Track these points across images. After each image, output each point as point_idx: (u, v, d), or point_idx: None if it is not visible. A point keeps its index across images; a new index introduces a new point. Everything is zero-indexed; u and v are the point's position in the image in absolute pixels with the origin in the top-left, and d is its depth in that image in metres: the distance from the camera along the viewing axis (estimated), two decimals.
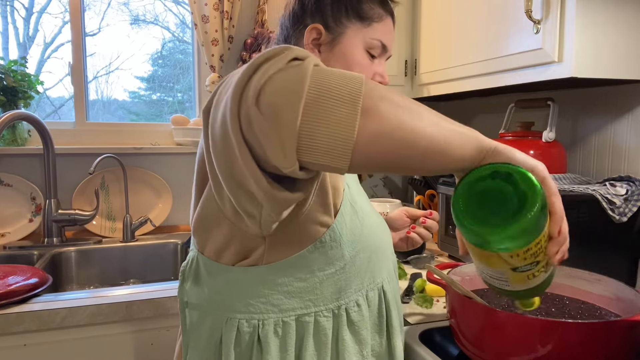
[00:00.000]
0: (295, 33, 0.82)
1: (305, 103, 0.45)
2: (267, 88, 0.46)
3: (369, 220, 0.77)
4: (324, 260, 0.69)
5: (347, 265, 0.71)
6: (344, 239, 0.70)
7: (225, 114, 0.49)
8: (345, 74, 0.48)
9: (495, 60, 1.23)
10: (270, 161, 0.47)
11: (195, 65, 1.98)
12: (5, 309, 1.02)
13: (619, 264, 1.10)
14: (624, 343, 0.68)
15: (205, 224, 0.67)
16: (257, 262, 0.67)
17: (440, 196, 1.49)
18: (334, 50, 0.80)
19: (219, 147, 0.51)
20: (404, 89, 1.70)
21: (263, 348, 0.67)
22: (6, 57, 1.82)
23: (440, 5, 1.50)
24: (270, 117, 0.45)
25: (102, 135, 1.84)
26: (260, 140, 0.47)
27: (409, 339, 0.90)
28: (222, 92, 0.53)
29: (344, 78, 0.47)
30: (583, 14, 1.00)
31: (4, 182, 1.66)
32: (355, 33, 0.80)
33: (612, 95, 1.26)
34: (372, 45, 0.81)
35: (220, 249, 0.68)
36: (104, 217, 1.78)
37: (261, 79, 0.46)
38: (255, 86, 0.46)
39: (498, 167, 0.53)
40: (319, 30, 0.79)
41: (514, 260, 0.55)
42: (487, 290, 0.91)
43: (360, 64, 0.80)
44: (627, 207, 1.06)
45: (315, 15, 0.80)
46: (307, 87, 0.46)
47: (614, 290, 0.82)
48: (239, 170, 0.50)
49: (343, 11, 0.80)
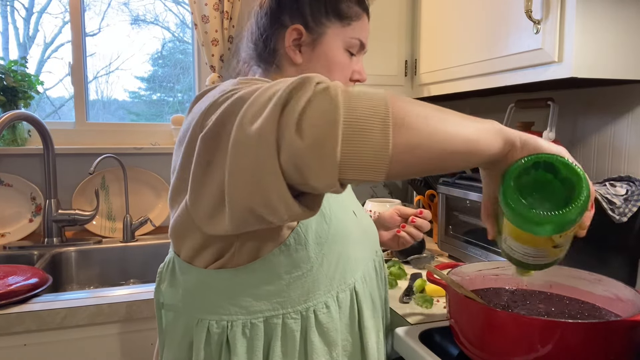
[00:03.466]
0: (275, 33, 0.82)
1: (343, 130, 0.48)
2: (305, 120, 0.48)
3: (340, 220, 0.76)
4: (289, 263, 0.69)
5: (315, 268, 0.71)
6: (310, 242, 0.70)
7: (259, 144, 0.49)
8: (370, 95, 0.50)
9: (495, 60, 1.23)
10: (312, 184, 0.50)
11: (195, 65, 1.98)
12: (5, 309, 1.02)
13: (619, 264, 1.10)
14: (624, 343, 0.68)
15: (180, 232, 0.68)
16: (227, 264, 0.68)
17: (440, 196, 1.49)
18: (315, 51, 0.80)
19: (245, 176, 0.51)
20: (404, 89, 1.70)
21: (231, 349, 0.68)
22: (6, 57, 1.82)
23: (440, 5, 1.50)
24: (314, 147, 0.48)
25: (102, 135, 1.84)
26: (303, 169, 0.49)
27: (409, 339, 0.90)
28: (225, 120, 0.54)
29: (371, 100, 0.49)
30: (583, 14, 1.00)
31: (4, 182, 1.66)
32: (336, 33, 0.81)
33: (612, 95, 1.26)
34: (352, 44, 0.82)
35: (194, 253, 0.69)
36: (104, 217, 1.78)
37: (296, 111, 0.48)
38: (293, 119, 0.48)
39: (538, 158, 0.57)
40: (300, 31, 0.80)
41: (561, 240, 0.60)
42: (487, 290, 0.91)
43: (340, 63, 0.82)
44: (627, 207, 1.06)
45: (295, 16, 0.80)
46: (342, 115, 0.48)
47: (614, 290, 0.82)
48: (267, 198, 0.51)
49: (322, 11, 0.80)
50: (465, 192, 1.28)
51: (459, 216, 1.43)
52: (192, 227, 0.64)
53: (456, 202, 1.43)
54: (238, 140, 0.51)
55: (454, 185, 1.36)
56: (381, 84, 1.68)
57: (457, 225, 1.44)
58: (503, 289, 0.92)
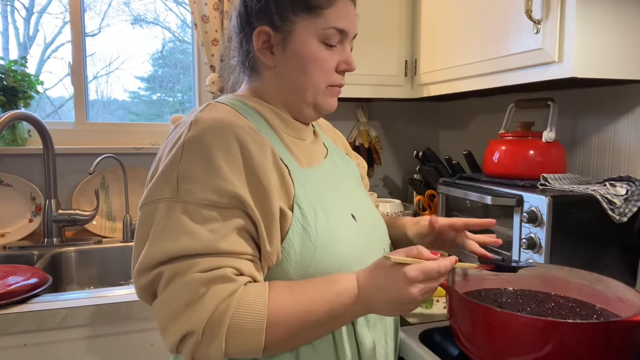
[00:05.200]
0: (246, 37, 0.78)
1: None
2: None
3: (333, 237, 0.72)
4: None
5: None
6: (292, 264, 0.70)
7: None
8: (247, 341, 0.63)
9: (495, 60, 1.23)
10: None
11: (195, 65, 1.98)
12: (5, 309, 1.02)
13: (619, 264, 1.10)
14: (624, 343, 0.68)
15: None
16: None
17: (441, 196, 1.49)
18: (286, 51, 0.76)
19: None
20: (404, 89, 1.70)
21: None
22: (6, 57, 1.82)
23: (440, 5, 1.50)
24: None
25: (102, 135, 1.84)
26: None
27: (409, 339, 0.90)
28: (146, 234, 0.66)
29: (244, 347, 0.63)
30: (583, 14, 1.00)
31: (4, 182, 1.66)
32: (306, 27, 0.74)
33: (612, 95, 1.26)
34: (327, 35, 0.75)
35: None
36: (104, 217, 1.78)
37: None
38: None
39: None
40: (267, 32, 0.75)
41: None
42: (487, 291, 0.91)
43: (316, 59, 0.75)
44: (627, 207, 1.06)
45: (260, 16, 0.76)
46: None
47: (614, 290, 0.82)
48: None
49: (288, 5, 0.74)
50: (465, 192, 1.28)
51: (459, 216, 1.43)
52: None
53: (456, 202, 1.43)
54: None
55: (454, 185, 1.36)
56: (381, 84, 1.68)
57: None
58: (503, 289, 0.92)
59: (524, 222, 1.09)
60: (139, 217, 0.68)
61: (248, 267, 0.66)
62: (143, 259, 0.64)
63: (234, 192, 0.64)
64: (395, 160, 2.15)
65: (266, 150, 0.69)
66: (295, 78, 0.78)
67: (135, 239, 0.68)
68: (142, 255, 0.65)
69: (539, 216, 1.05)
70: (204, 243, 0.62)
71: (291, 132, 0.81)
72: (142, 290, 0.67)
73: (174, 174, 0.65)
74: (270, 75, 0.79)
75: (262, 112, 0.78)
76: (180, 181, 0.65)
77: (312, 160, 0.81)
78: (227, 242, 0.64)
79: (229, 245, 0.64)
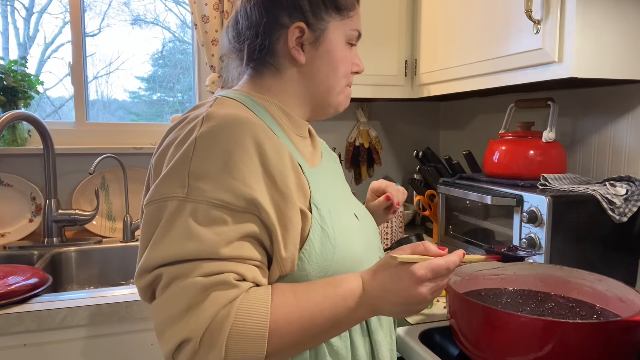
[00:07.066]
0: (270, 31, 0.76)
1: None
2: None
3: (346, 236, 0.72)
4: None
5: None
6: (313, 265, 0.68)
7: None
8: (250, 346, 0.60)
9: (495, 60, 1.23)
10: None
11: (195, 65, 1.98)
12: (5, 309, 1.02)
13: (619, 264, 1.10)
14: (624, 343, 0.68)
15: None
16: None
17: (441, 196, 1.49)
18: (319, 50, 0.76)
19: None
20: (404, 89, 1.70)
21: None
22: (6, 57, 1.82)
23: (440, 5, 1.50)
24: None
25: (102, 135, 1.84)
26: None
27: (409, 338, 0.90)
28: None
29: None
30: (583, 14, 1.00)
31: (4, 182, 1.66)
32: (337, 27, 0.77)
33: (612, 95, 1.26)
34: (352, 36, 0.80)
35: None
36: (104, 217, 1.78)
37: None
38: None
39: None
40: (302, 28, 0.75)
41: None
42: (487, 290, 0.91)
43: (344, 58, 0.79)
44: (627, 207, 1.06)
45: (293, 13, 0.75)
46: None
47: (614, 290, 0.82)
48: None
49: (322, 6, 0.76)
50: (465, 192, 1.28)
51: (459, 216, 1.43)
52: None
53: (456, 202, 1.43)
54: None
55: (454, 185, 1.36)
56: (381, 83, 1.68)
57: (457, 225, 1.44)
58: (503, 289, 0.92)
59: (524, 222, 1.10)
60: (144, 215, 0.66)
61: (252, 272, 0.63)
62: (145, 260, 0.63)
63: (251, 195, 0.62)
64: (395, 160, 2.15)
65: (283, 152, 0.67)
66: (326, 76, 0.78)
67: (141, 237, 0.66)
68: (144, 255, 0.64)
69: (539, 216, 1.05)
70: (207, 247, 0.60)
71: (295, 130, 0.79)
72: (142, 291, 0.66)
73: (184, 171, 0.62)
74: (295, 73, 0.78)
75: (268, 108, 0.76)
76: (191, 179, 0.62)
77: (314, 159, 0.81)
78: (232, 246, 0.61)
79: (233, 250, 0.61)
